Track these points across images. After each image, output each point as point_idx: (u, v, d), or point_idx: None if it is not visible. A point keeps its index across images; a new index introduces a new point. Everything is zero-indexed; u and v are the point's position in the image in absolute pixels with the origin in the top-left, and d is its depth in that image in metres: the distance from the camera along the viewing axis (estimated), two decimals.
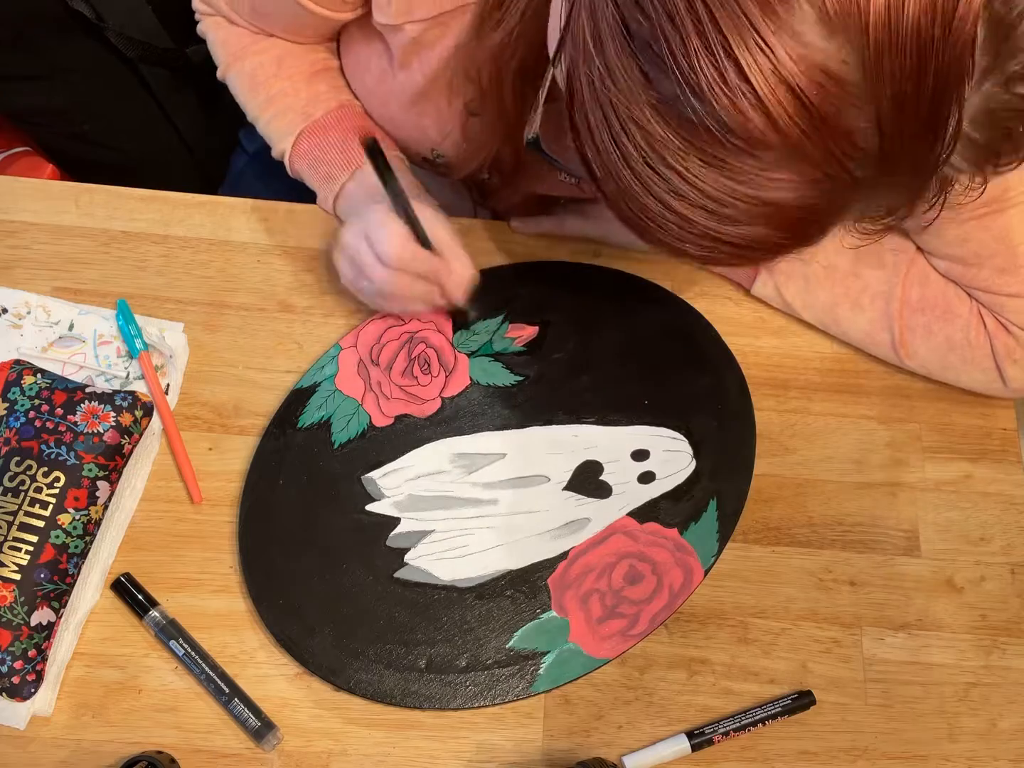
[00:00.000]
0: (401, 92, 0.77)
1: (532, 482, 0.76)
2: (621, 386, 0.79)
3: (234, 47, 0.81)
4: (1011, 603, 0.76)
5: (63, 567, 0.68)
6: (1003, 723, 0.73)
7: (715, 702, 0.72)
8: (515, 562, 0.73)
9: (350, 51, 0.82)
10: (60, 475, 0.68)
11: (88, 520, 0.69)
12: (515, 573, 0.73)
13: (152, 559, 0.73)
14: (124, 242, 0.82)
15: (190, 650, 0.69)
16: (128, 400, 0.72)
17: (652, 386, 0.79)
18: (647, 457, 0.77)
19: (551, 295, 0.82)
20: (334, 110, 0.80)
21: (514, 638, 0.71)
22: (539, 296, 0.81)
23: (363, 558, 0.73)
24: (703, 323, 0.81)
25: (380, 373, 0.78)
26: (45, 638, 0.67)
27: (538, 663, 0.70)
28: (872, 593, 0.76)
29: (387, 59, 0.77)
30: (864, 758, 0.71)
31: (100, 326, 0.78)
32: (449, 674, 0.70)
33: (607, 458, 0.77)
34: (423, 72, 0.74)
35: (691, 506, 0.75)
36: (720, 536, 0.74)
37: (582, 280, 0.83)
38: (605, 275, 0.83)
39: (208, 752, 0.68)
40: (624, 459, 0.77)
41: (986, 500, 0.79)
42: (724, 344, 0.81)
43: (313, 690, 0.70)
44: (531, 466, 0.76)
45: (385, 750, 0.69)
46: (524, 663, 0.71)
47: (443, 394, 0.78)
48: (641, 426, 0.78)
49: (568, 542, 0.74)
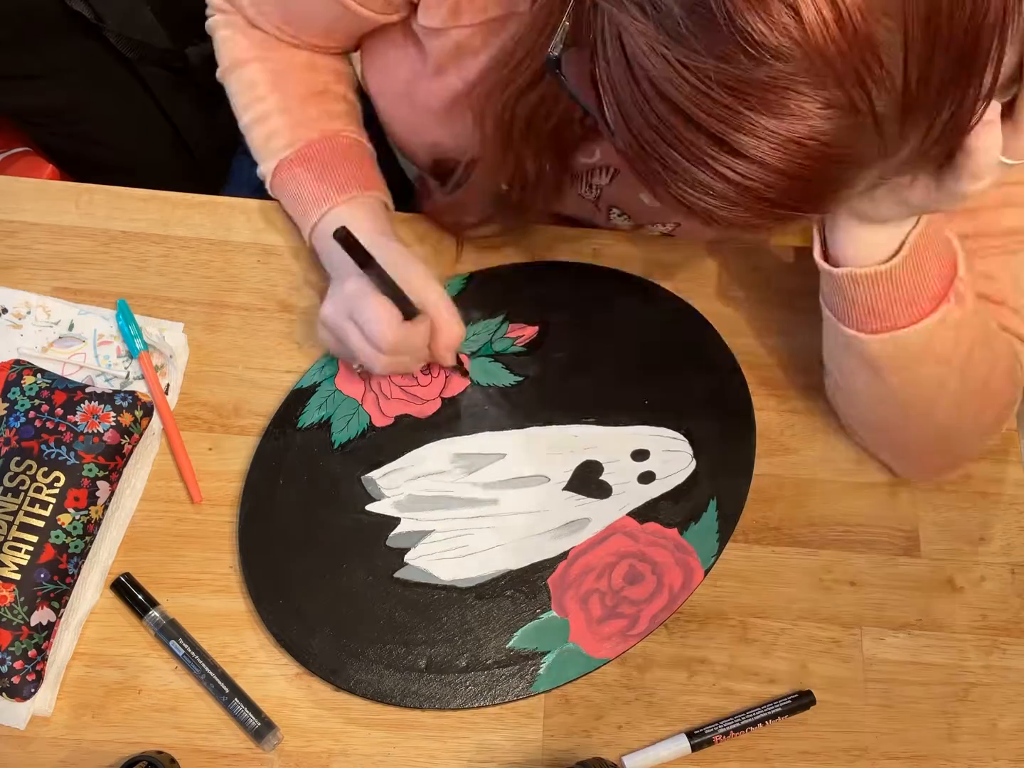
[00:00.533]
0: (435, 97, 0.76)
1: (532, 482, 0.76)
2: (621, 386, 0.79)
3: (240, 50, 0.80)
4: (1011, 603, 0.76)
5: (63, 567, 0.68)
6: (1003, 723, 0.73)
7: (715, 702, 0.72)
8: (515, 562, 0.73)
9: (377, 52, 0.81)
10: (60, 475, 0.68)
11: (88, 520, 0.69)
12: (515, 573, 0.73)
13: (152, 559, 0.73)
14: (124, 242, 0.82)
15: (190, 650, 0.69)
16: (128, 400, 0.72)
17: (652, 386, 0.79)
18: (647, 457, 0.77)
19: (551, 295, 0.82)
20: (316, 141, 0.78)
21: (514, 638, 0.71)
22: (539, 296, 0.81)
23: (363, 558, 0.73)
24: (703, 323, 0.81)
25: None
26: (45, 638, 0.67)
27: (538, 663, 0.70)
28: (872, 593, 0.76)
29: (421, 63, 0.76)
30: (864, 758, 0.71)
31: (100, 326, 0.78)
32: (449, 674, 0.70)
33: (607, 458, 0.77)
34: (461, 78, 0.73)
35: (691, 506, 0.75)
36: (720, 536, 0.74)
37: (582, 280, 0.83)
38: (605, 275, 0.83)
39: (208, 752, 0.68)
40: (624, 459, 0.77)
41: (986, 500, 0.79)
42: (724, 343, 0.81)
43: (313, 690, 0.70)
44: (531, 466, 0.76)
45: (385, 750, 0.69)
46: (524, 663, 0.71)
47: (443, 394, 0.78)
48: (641, 426, 0.78)
49: (568, 542, 0.74)
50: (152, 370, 0.76)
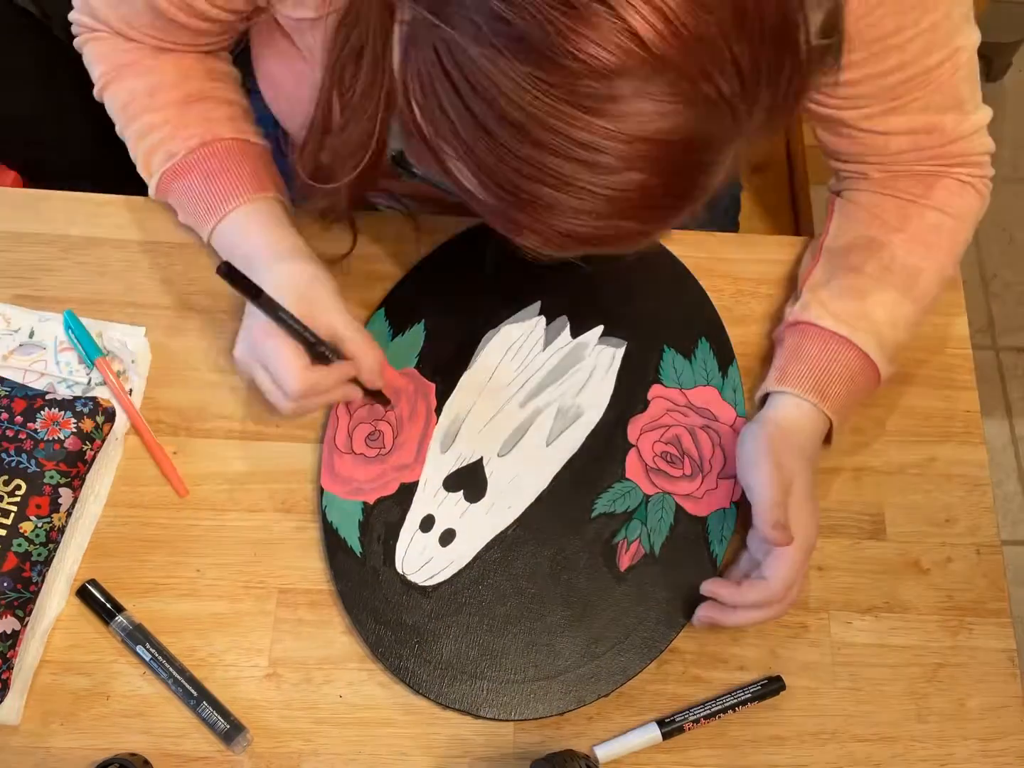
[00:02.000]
0: (299, 76, 0.72)
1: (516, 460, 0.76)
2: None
3: (111, 66, 0.77)
4: (977, 583, 0.77)
5: (27, 575, 0.67)
6: (971, 703, 0.73)
7: (685, 690, 0.72)
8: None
9: (261, 70, 0.78)
10: (21, 483, 0.68)
11: (51, 528, 0.69)
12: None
13: (118, 564, 0.72)
14: (84, 248, 0.82)
15: (157, 654, 0.69)
16: (89, 406, 0.72)
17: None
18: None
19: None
20: (196, 149, 0.74)
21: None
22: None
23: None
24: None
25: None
26: (10, 647, 0.67)
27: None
28: (839, 577, 0.76)
29: (300, 60, 0.72)
30: (834, 741, 0.72)
31: (60, 333, 0.78)
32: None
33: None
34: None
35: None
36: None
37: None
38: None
39: (178, 756, 0.68)
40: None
41: (950, 482, 0.80)
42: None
43: (282, 691, 0.70)
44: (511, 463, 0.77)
45: (356, 748, 0.69)
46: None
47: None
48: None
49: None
50: (112, 375, 0.76)
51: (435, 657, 0.70)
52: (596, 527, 0.75)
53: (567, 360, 0.79)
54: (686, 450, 0.77)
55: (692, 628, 0.73)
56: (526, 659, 0.71)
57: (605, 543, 0.74)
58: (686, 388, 0.79)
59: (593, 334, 0.80)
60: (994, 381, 1.68)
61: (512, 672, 0.71)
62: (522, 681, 0.70)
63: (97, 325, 0.78)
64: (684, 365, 0.80)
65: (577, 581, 0.73)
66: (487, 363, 0.78)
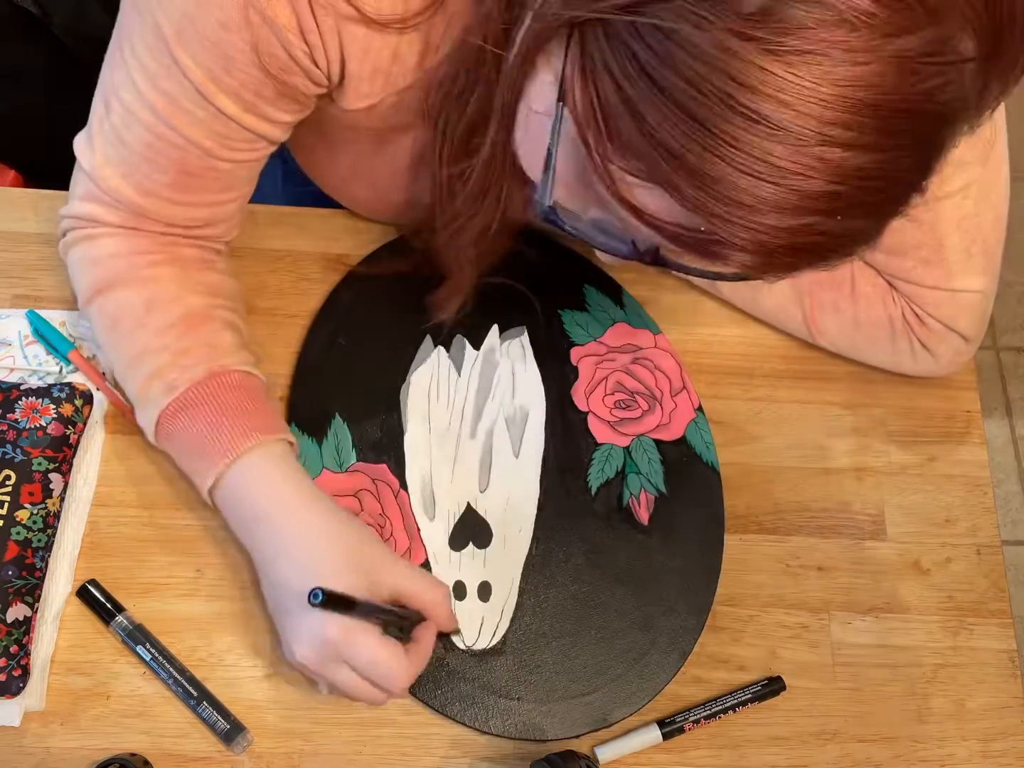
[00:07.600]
0: (389, 166, 0.72)
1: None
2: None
3: (105, 271, 0.69)
4: (977, 584, 0.77)
5: (29, 562, 0.68)
6: (971, 703, 0.74)
7: (685, 691, 0.72)
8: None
9: (307, 154, 0.77)
10: (10, 473, 0.68)
11: (47, 513, 0.69)
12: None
13: (118, 565, 0.72)
14: None
15: (157, 655, 0.69)
16: (66, 391, 0.72)
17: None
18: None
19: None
20: (202, 382, 0.67)
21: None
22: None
23: None
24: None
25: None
26: (24, 633, 0.67)
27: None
28: (839, 578, 0.76)
29: (357, 144, 0.71)
30: (834, 741, 0.72)
31: (24, 327, 0.77)
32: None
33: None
34: (409, 136, 0.68)
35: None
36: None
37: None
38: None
39: (179, 756, 0.68)
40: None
41: (951, 482, 0.80)
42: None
43: (282, 691, 0.70)
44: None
45: (356, 748, 0.69)
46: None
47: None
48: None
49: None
50: (85, 361, 0.76)
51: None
52: (602, 500, 0.76)
53: (485, 372, 0.78)
54: (632, 389, 0.79)
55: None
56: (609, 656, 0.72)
57: (618, 509, 0.75)
58: (599, 337, 0.80)
59: (493, 336, 0.79)
60: (994, 381, 1.68)
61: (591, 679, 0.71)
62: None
63: (59, 315, 0.78)
64: (585, 317, 0.81)
65: (615, 556, 0.74)
66: (417, 417, 0.76)
